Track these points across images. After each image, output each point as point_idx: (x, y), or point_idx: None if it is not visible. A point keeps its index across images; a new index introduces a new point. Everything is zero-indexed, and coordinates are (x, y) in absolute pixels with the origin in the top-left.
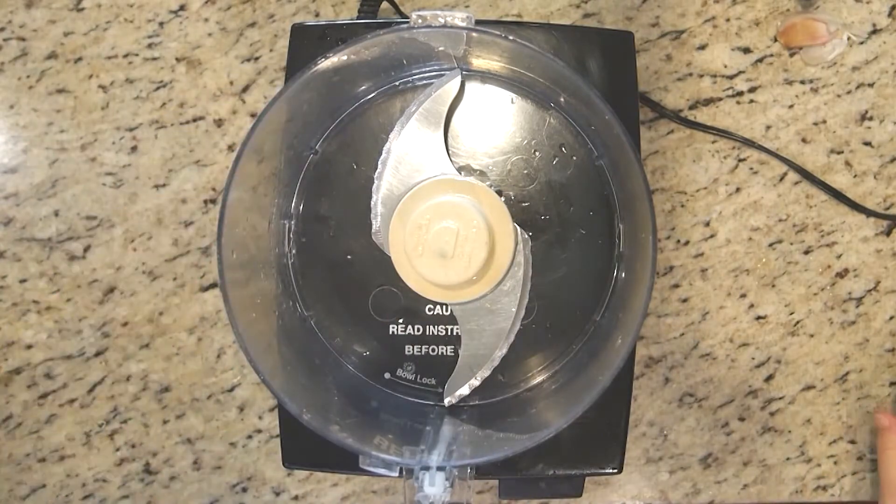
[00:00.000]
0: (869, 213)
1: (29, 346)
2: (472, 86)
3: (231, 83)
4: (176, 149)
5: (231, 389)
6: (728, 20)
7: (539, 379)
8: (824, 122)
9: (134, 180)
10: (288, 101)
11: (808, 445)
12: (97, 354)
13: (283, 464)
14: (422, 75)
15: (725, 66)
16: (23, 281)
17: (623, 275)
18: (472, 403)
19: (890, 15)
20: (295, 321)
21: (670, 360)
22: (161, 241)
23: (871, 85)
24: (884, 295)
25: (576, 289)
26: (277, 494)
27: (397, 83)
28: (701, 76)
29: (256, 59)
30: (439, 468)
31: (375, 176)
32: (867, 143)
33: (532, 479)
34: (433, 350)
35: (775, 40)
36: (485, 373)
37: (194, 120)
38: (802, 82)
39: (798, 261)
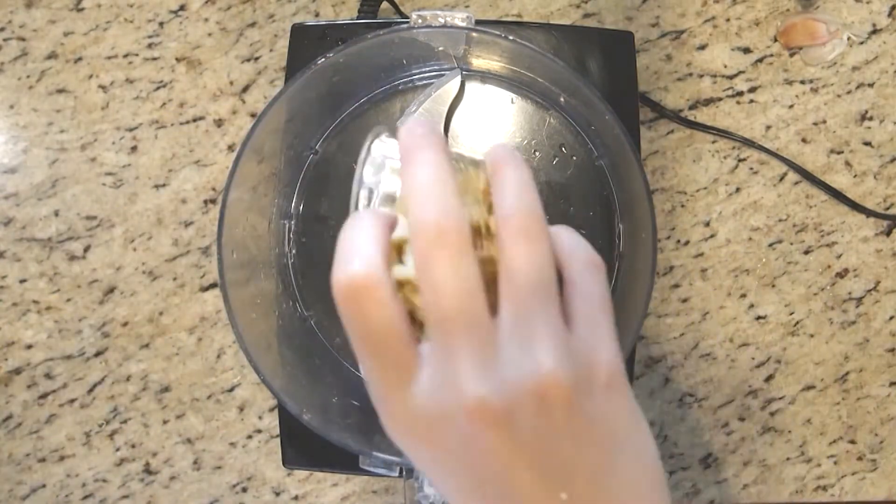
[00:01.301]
0: (869, 213)
1: (29, 346)
2: (472, 86)
3: (231, 83)
4: (176, 149)
5: (231, 389)
6: (728, 20)
7: None
8: (824, 122)
9: (134, 180)
10: (288, 101)
11: (808, 445)
12: (97, 354)
13: (283, 464)
14: (422, 75)
15: (725, 66)
16: (23, 281)
17: (623, 275)
18: None
19: (890, 15)
20: (295, 321)
21: (670, 360)
22: (161, 241)
23: (871, 85)
24: (884, 295)
25: None
26: (277, 494)
27: (397, 83)
28: (701, 76)
29: (256, 59)
30: None
31: None
32: (867, 143)
33: None
34: None
35: (775, 40)
36: None
37: (194, 120)
38: (802, 82)
39: (798, 261)
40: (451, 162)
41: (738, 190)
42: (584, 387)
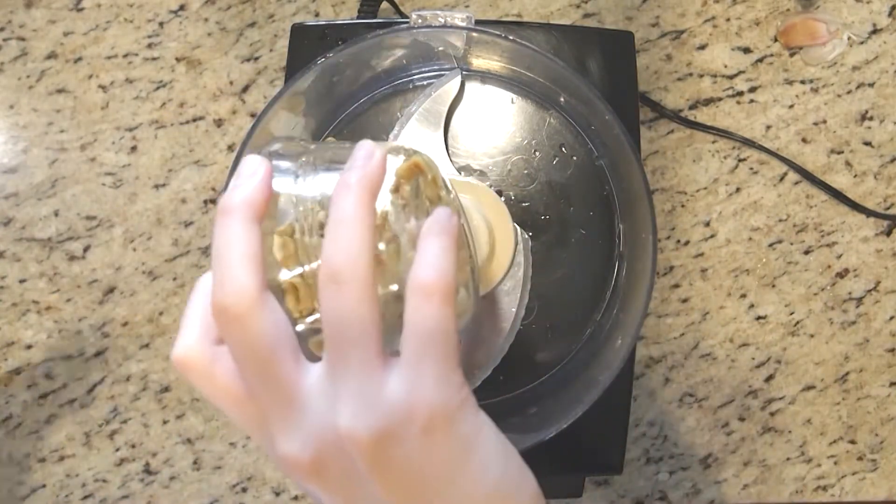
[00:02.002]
0: (869, 213)
1: (29, 346)
2: (472, 86)
3: (231, 83)
4: (176, 149)
5: None
6: (728, 20)
7: (539, 379)
8: (824, 122)
9: (134, 180)
10: (288, 101)
11: (808, 445)
12: (97, 354)
13: None
14: (422, 75)
15: (725, 66)
16: (23, 281)
17: (623, 275)
18: None
19: (890, 15)
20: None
21: (670, 360)
22: (161, 241)
23: (871, 85)
24: (884, 295)
25: (576, 289)
26: (277, 494)
27: (397, 83)
28: (701, 76)
29: (256, 59)
30: None
31: None
32: (867, 143)
33: None
34: None
35: (775, 40)
36: (485, 373)
37: (194, 120)
38: (802, 82)
39: (798, 261)
40: (254, 230)
41: (738, 190)
42: (392, 435)
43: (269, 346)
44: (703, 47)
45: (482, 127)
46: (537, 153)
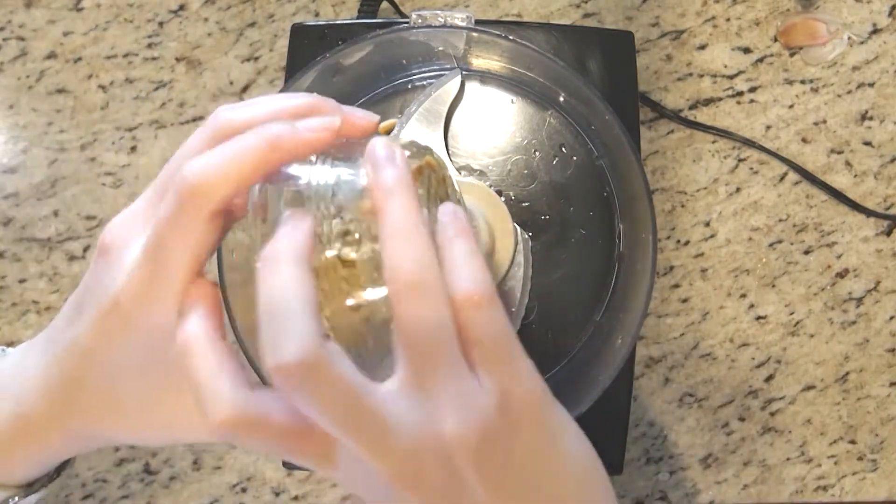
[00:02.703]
0: (869, 213)
1: None
2: (472, 86)
3: (231, 83)
4: (176, 149)
5: None
6: (728, 20)
7: None
8: (824, 122)
9: (134, 180)
10: None
11: (808, 445)
12: None
13: (283, 464)
14: (422, 75)
15: (725, 66)
16: (22, 281)
17: (623, 275)
18: None
19: (890, 15)
20: None
21: (670, 360)
22: None
23: (871, 85)
24: (884, 295)
25: (576, 289)
26: (277, 494)
27: (397, 83)
28: (701, 76)
29: (256, 59)
30: None
31: None
32: (867, 143)
33: None
34: None
35: (775, 40)
36: None
37: (194, 120)
38: (802, 82)
39: (798, 261)
40: (307, 274)
41: (738, 190)
42: (496, 433)
43: (349, 384)
44: (703, 47)
45: (482, 127)
46: (537, 153)
